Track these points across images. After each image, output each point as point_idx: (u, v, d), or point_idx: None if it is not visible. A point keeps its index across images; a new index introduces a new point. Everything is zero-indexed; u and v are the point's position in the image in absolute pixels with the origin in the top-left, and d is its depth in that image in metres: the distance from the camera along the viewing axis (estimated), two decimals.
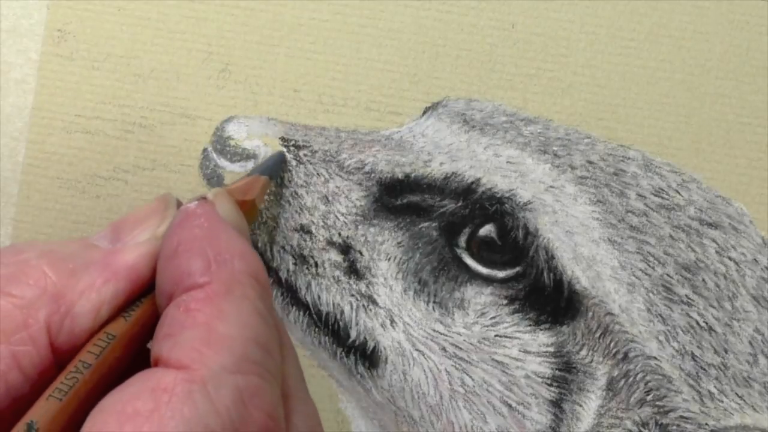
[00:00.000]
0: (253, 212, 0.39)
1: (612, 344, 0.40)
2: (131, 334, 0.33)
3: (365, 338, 0.41)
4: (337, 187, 0.42)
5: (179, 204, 0.36)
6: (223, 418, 0.29)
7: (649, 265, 0.41)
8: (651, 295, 0.40)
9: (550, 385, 0.41)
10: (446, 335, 0.41)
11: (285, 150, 0.42)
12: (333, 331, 0.42)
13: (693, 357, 0.40)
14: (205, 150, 0.44)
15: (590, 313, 0.40)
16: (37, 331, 0.32)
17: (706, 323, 0.41)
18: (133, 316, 0.33)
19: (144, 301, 0.34)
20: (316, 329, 0.42)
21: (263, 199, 0.40)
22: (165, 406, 0.29)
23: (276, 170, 0.42)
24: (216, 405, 0.29)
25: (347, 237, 0.42)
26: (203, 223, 0.34)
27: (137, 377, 0.30)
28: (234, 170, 0.43)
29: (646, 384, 0.40)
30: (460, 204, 0.41)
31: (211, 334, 0.30)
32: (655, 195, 0.42)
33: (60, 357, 0.33)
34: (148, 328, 0.33)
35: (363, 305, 0.41)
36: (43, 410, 0.30)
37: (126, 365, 0.33)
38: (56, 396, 0.30)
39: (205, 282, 0.32)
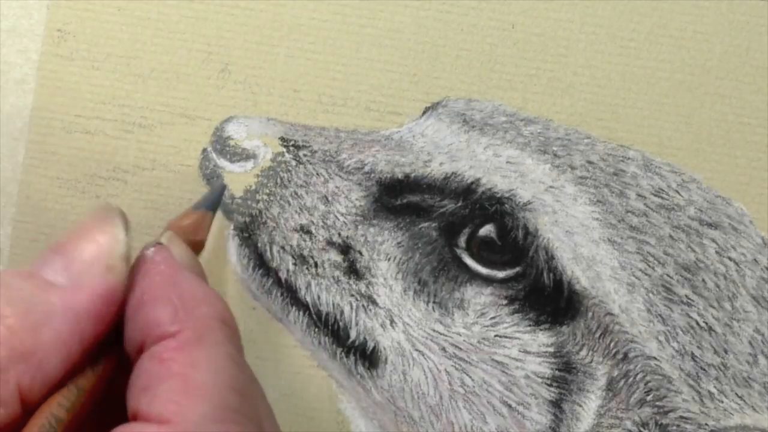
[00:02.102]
0: (201, 248, 0.39)
1: (612, 344, 0.40)
2: (100, 384, 0.33)
3: (365, 338, 0.41)
4: (336, 187, 0.42)
5: (122, 213, 0.36)
6: None
7: (649, 266, 0.41)
8: (651, 295, 0.40)
9: (550, 385, 0.41)
10: (446, 335, 0.41)
11: (225, 180, 0.42)
12: (333, 331, 0.42)
13: (693, 357, 0.40)
14: (205, 150, 0.44)
15: (590, 314, 0.40)
16: (8, 393, 0.31)
17: (706, 323, 0.41)
18: (100, 368, 0.33)
19: (109, 355, 0.34)
20: (316, 329, 0.42)
21: (207, 233, 0.41)
22: None
23: (217, 203, 0.42)
24: None
25: (347, 237, 0.42)
26: (163, 270, 0.34)
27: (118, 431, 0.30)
28: (234, 170, 0.43)
29: (646, 384, 0.40)
30: (459, 204, 0.41)
31: (188, 384, 0.31)
32: (655, 195, 0.42)
33: (29, 405, 0.32)
34: (116, 375, 0.33)
35: (363, 305, 0.41)
36: None
37: (91, 413, 0.32)
38: None
39: (175, 330, 0.32)
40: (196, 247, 0.39)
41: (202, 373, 0.31)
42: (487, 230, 0.41)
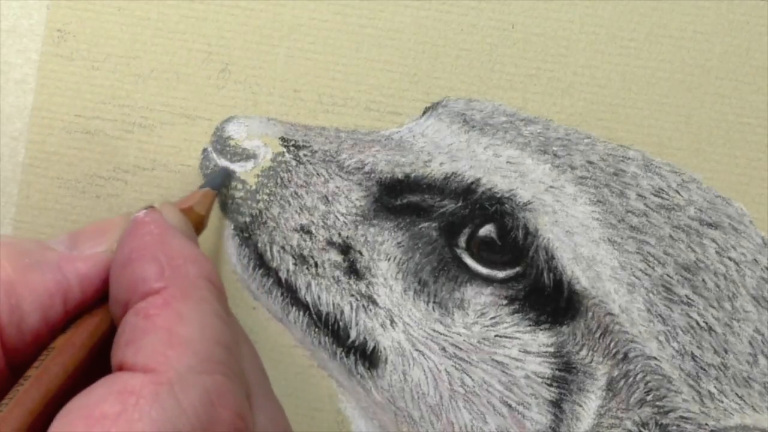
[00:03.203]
0: (200, 224, 0.39)
1: (612, 344, 0.40)
2: (81, 345, 0.33)
3: (365, 338, 0.41)
4: (337, 187, 0.42)
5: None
6: (191, 419, 0.29)
7: (649, 266, 0.41)
8: (651, 295, 0.40)
9: (550, 385, 0.41)
10: (446, 335, 0.41)
11: (231, 165, 0.42)
12: (333, 331, 0.42)
13: (693, 357, 0.40)
14: (205, 150, 0.44)
15: (590, 314, 0.40)
16: None
17: (706, 323, 0.41)
18: (82, 326, 0.33)
19: (95, 311, 0.34)
20: (316, 329, 0.42)
21: (210, 212, 0.41)
22: (132, 409, 0.28)
23: (221, 184, 0.42)
24: (184, 406, 0.29)
25: (347, 237, 0.42)
26: (153, 230, 0.34)
27: (102, 381, 0.30)
28: (234, 170, 0.43)
29: (646, 384, 0.40)
30: (460, 204, 0.41)
31: (174, 337, 0.31)
32: (655, 195, 0.42)
33: (9, 355, 0.32)
34: (103, 339, 0.33)
35: (363, 305, 0.41)
36: None
37: (80, 375, 0.32)
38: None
39: (160, 287, 0.32)
40: (198, 223, 0.39)
41: (188, 326, 0.31)
42: (487, 230, 0.41)
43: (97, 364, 0.33)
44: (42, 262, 0.34)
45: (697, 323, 0.41)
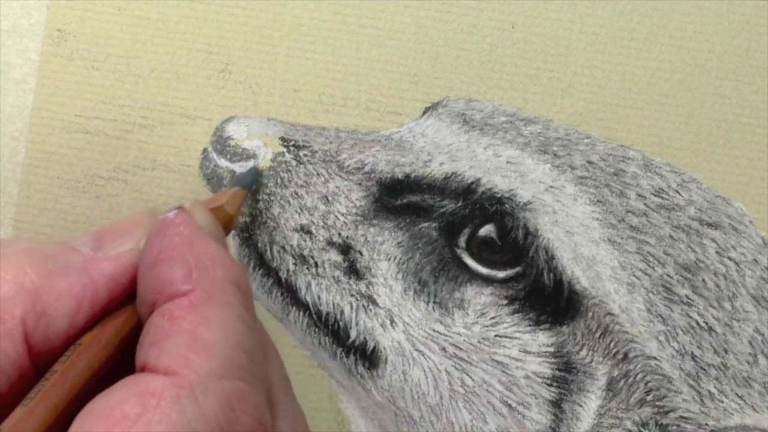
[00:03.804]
0: (229, 223, 0.39)
1: (612, 344, 0.40)
2: (107, 343, 0.33)
3: (365, 338, 0.41)
4: (337, 187, 0.42)
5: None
6: (211, 423, 0.29)
7: (649, 266, 0.41)
8: (651, 295, 0.40)
9: (550, 385, 0.41)
10: (446, 335, 0.41)
11: (265, 163, 0.42)
12: (333, 331, 0.42)
13: (693, 357, 0.40)
14: (205, 150, 0.44)
15: (590, 314, 0.40)
16: (13, 327, 0.32)
17: (706, 323, 0.41)
18: (109, 324, 0.33)
19: (122, 310, 0.34)
20: (316, 329, 0.42)
21: (240, 211, 0.41)
22: (153, 411, 0.29)
23: (252, 183, 0.42)
24: (204, 410, 0.29)
25: (347, 237, 0.42)
26: (182, 231, 0.34)
27: (124, 382, 0.30)
28: (234, 170, 0.43)
29: (646, 384, 0.40)
30: (460, 204, 0.41)
31: (197, 340, 0.31)
32: (655, 195, 0.42)
33: (36, 359, 0.32)
34: (129, 337, 0.33)
35: (363, 305, 0.41)
36: (11, 418, 0.30)
37: (104, 372, 0.32)
38: (24, 403, 0.30)
39: (187, 290, 0.32)
40: (227, 223, 0.38)
41: (212, 331, 0.31)
42: (487, 230, 0.41)
43: (122, 362, 0.33)
44: (67, 266, 0.33)
45: (697, 323, 0.41)
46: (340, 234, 0.42)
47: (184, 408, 0.29)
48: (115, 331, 0.33)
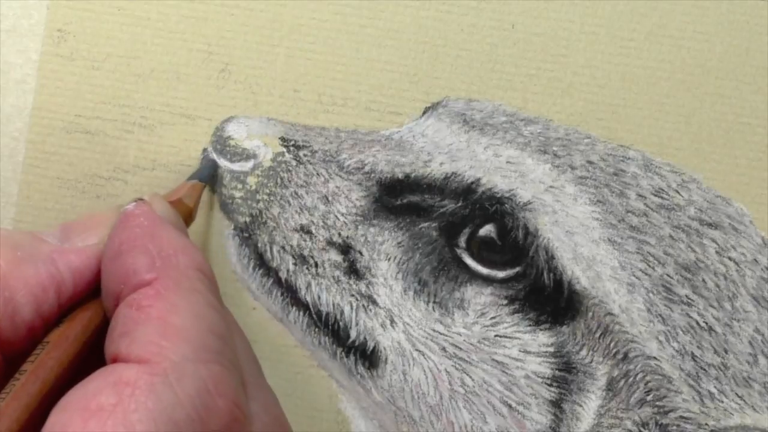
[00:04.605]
0: (189, 216, 0.39)
1: (612, 344, 0.40)
2: (75, 339, 0.33)
3: (365, 338, 0.41)
4: (337, 187, 0.42)
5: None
6: (188, 409, 0.29)
7: (649, 265, 0.41)
8: (651, 295, 0.40)
9: (550, 385, 0.41)
10: (446, 335, 0.41)
11: (219, 157, 0.42)
12: (333, 331, 0.42)
13: (693, 357, 0.40)
14: (205, 150, 0.44)
15: (590, 314, 0.40)
16: None
17: (706, 323, 0.41)
18: (75, 319, 0.33)
19: (88, 305, 0.34)
20: (316, 329, 0.42)
21: (198, 204, 0.41)
22: (128, 400, 0.28)
23: (209, 176, 0.42)
24: (179, 396, 0.29)
25: (347, 237, 0.42)
26: (143, 222, 0.34)
27: (97, 374, 0.30)
28: (234, 170, 0.43)
29: (646, 384, 0.40)
30: (460, 204, 0.41)
31: (167, 327, 0.31)
32: (655, 195, 0.42)
33: (3, 347, 0.32)
34: (96, 332, 0.33)
35: (363, 305, 0.41)
36: None
37: (75, 369, 0.32)
38: None
39: (152, 278, 0.32)
40: (186, 216, 0.39)
41: (182, 317, 0.31)
42: (487, 230, 0.41)
43: (91, 356, 0.33)
44: (35, 255, 0.34)
45: (697, 323, 0.41)
46: (340, 234, 0.42)
47: (160, 395, 0.29)
48: (82, 327, 0.33)
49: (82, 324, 0.33)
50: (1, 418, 0.29)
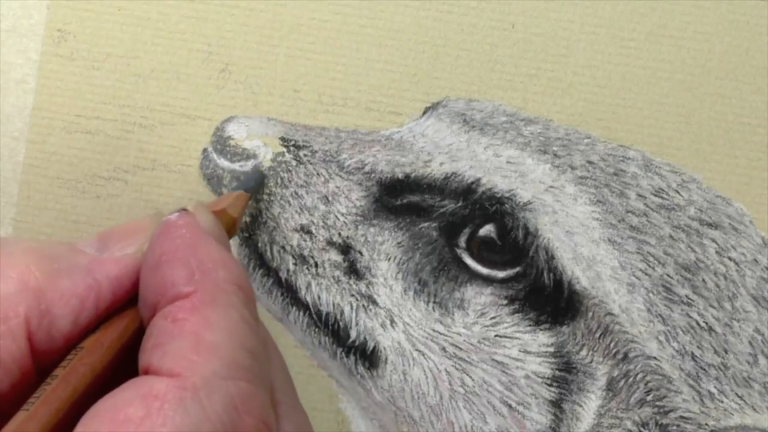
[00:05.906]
0: (232, 227, 0.39)
1: (612, 344, 0.40)
2: (109, 346, 0.33)
3: (365, 338, 0.41)
4: (337, 187, 0.42)
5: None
6: (215, 425, 0.29)
7: (649, 266, 0.41)
8: (651, 295, 0.41)
9: (550, 385, 0.41)
10: (446, 335, 0.41)
11: (272, 165, 0.42)
12: (333, 331, 0.42)
13: (693, 357, 0.40)
14: (205, 150, 0.44)
15: (590, 314, 0.40)
16: (17, 326, 0.32)
17: (706, 323, 0.41)
18: (111, 327, 0.33)
19: (125, 313, 0.34)
20: (316, 329, 0.42)
21: (242, 214, 0.41)
22: (157, 413, 0.29)
23: (255, 186, 0.42)
24: (208, 412, 0.29)
25: (347, 237, 0.42)
26: (185, 233, 0.34)
27: (128, 384, 0.30)
28: (234, 170, 0.43)
29: (646, 384, 0.40)
30: (460, 204, 0.41)
31: (200, 342, 0.31)
32: (655, 195, 0.42)
33: (39, 358, 0.32)
34: (131, 341, 0.33)
35: (363, 305, 0.41)
36: (12, 422, 0.30)
37: (107, 376, 0.32)
38: (26, 407, 0.30)
39: (189, 291, 0.32)
40: (230, 226, 0.38)
41: (215, 332, 0.31)
42: (488, 230, 0.41)
43: (125, 365, 0.33)
44: (72, 266, 0.33)
45: (697, 323, 0.41)
46: (340, 234, 0.42)
47: (188, 410, 0.29)
48: (118, 335, 0.33)
49: (117, 332, 0.33)
50: (30, 423, 0.30)
